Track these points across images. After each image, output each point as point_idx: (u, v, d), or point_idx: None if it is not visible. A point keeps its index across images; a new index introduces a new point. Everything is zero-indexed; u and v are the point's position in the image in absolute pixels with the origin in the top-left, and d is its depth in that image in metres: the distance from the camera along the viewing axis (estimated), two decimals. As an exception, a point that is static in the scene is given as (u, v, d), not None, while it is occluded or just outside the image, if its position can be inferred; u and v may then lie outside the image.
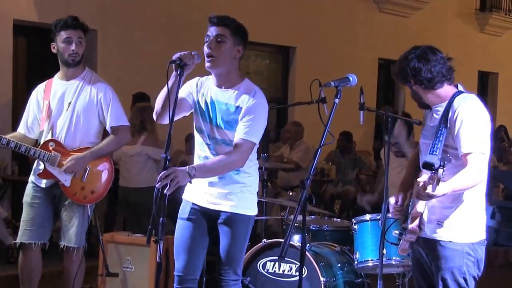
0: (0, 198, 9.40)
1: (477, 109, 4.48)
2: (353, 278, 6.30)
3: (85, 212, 5.92)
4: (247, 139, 4.73)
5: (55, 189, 5.92)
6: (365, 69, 14.53)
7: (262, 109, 4.86)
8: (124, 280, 7.45)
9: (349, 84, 4.43)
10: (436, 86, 4.51)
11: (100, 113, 5.91)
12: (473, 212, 4.55)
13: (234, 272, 4.91)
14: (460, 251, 4.51)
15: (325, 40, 14.45)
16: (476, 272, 4.59)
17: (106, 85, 6.02)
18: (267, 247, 6.33)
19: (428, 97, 4.57)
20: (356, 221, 6.24)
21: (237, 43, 4.80)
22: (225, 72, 4.83)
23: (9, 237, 8.61)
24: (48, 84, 6.00)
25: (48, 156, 5.80)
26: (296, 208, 4.18)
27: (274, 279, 6.26)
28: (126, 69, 10.89)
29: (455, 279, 4.52)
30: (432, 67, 4.47)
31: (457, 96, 4.50)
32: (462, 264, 4.52)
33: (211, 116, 4.86)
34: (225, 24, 4.76)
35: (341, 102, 4.36)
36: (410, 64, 4.49)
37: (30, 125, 6.01)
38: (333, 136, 4.32)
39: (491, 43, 18.01)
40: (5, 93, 9.82)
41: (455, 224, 4.50)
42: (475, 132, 4.37)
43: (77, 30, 5.87)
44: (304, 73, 13.71)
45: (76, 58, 5.87)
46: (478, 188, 4.51)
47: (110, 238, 7.62)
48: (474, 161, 4.30)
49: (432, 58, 4.49)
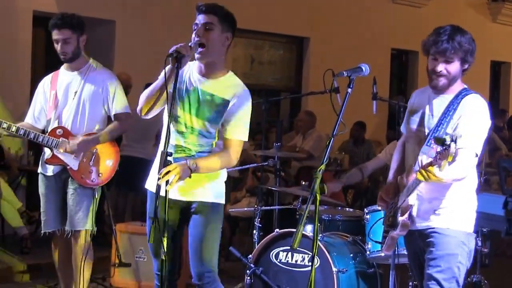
0: (16, 187, 9.45)
1: (482, 111, 4.44)
2: (365, 268, 6.29)
3: (93, 194, 6.08)
4: (240, 139, 4.78)
5: (63, 174, 6.09)
6: (378, 59, 14.49)
7: (249, 104, 4.81)
8: (137, 270, 7.50)
9: (362, 74, 4.40)
10: (463, 74, 4.49)
11: (105, 100, 6.10)
12: (467, 204, 4.53)
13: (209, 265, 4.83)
14: (457, 238, 4.46)
15: (338, 30, 14.41)
16: (467, 263, 4.53)
17: (110, 74, 6.26)
18: (280, 236, 6.33)
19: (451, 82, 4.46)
20: (368, 210, 6.24)
21: (225, 30, 4.74)
22: (213, 62, 4.76)
23: (23, 227, 8.65)
24: (54, 75, 6.20)
25: (56, 142, 5.99)
26: (308, 198, 4.18)
27: (287, 269, 6.27)
28: (144, 60, 10.90)
29: (449, 266, 4.43)
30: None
31: (465, 94, 4.46)
32: (457, 252, 4.45)
33: (191, 104, 4.77)
34: (213, 12, 4.71)
35: (355, 92, 4.35)
36: (467, 43, 4.42)
37: (37, 115, 6.18)
38: (345, 126, 4.28)
39: (503, 33, 17.92)
40: (24, 84, 9.93)
41: (452, 212, 4.47)
42: (474, 132, 4.34)
43: (63, 30, 6.01)
44: (317, 63, 13.69)
45: (66, 56, 6.06)
46: (470, 184, 4.50)
47: (123, 228, 7.67)
48: (465, 157, 4.24)
49: (468, 35, 4.47)
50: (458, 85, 4.51)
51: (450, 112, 4.42)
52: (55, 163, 6.05)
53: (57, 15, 6.10)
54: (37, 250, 8.31)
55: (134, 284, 7.50)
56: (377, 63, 13.50)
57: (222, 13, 4.75)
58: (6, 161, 9.33)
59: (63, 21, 5.99)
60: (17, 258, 8.27)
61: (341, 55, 13.58)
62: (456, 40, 4.37)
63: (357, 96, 5.60)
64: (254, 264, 6.31)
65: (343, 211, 7.12)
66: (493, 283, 6.85)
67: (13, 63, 10.02)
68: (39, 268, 8.00)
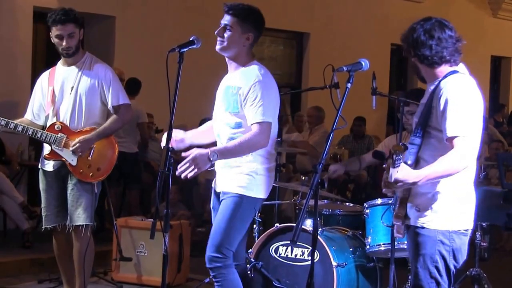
0: (17, 183, 9.47)
1: (465, 88, 4.18)
2: (365, 262, 6.32)
3: (93, 190, 6.09)
4: (260, 121, 4.80)
5: (62, 170, 6.09)
6: (378, 54, 14.49)
7: (267, 86, 4.90)
8: (138, 264, 7.54)
9: (361, 69, 4.42)
10: (433, 66, 4.24)
11: (102, 94, 6.10)
12: (454, 199, 4.23)
13: (218, 250, 4.87)
14: (432, 237, 4.22)
15: (338, 25, 14.43)
16: (451, 262, 4.27)
17: (106, 67, 6.21)
18: (280, 231, 6.34)
19: (425, 73, 4.33)
20: (368, 205, 6.26)
21: (246, 31, 4.93)
22: (233, 56, 4.98)
23: (24, 222, 8.67)
24: (52, 71, 6.21)
25: (55, 138, 6.00)
26: (308, 192, 4.20)
27: (287, 263, 6.28)
28: (144, 56, 10.94)
29: (425, 267, 4.25)
30: (434, 45, 4.19)
31: (448, 76, 4.23)
32: (434, 252, 4.22)
33: (221, 100, 5.02)
34: (234, 13, 4.91)
35: (355, 87, 4.37)
36: (414, 34, 4.25)
37: (36, 112, 6.21)
38: (345, 121, 4.30)
39: (504, 28, 17.92)
40: (25, 78, 9.92)
41: (431, 210, 4.22)
42: (461, 114, 4.07)
43: (66, 25, 5.99)
44: (317, 58, 13.69)
45: (69, 51, 6.05)
46: (464, 177, 4.23)
47: (123, 223, 7.71)
48: (458, 146, 4.02)
49: (438, 35, 4.20)
50: (444, 71, 4.25)
51: (431, 98, 4.22)
52: (54, 158, 6.06)
53: (56, 10, 6.07)
54: (39, 245, 8.31)
55: (135, 278, 7.55)
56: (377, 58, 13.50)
57: (244, 13, 4.93)
58: (7, 157, 9.35)
59: (67, 16, 5.96)
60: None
61: (341, 50, 13.59)
62: (402, 37, 4.42)
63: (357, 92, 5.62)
64: (254, 259, 6.33)
65: (343, 206, 7.14)
66: (491, 276, 6.88)
67: (13, 59, 10.01)
68: (41, 262, 8.01)
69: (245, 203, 4.91)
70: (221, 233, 4.88)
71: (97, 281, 7.51)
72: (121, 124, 6.26)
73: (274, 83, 5.02)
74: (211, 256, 4.88)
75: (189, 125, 8.70)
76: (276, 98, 4.98)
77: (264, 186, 4.98)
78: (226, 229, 4.88)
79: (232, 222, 4.89)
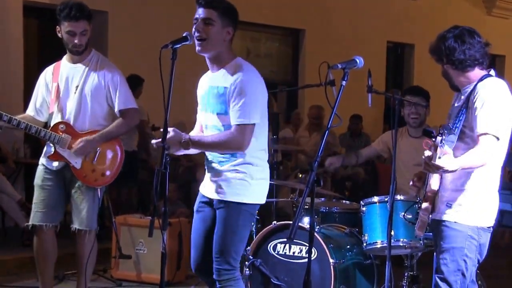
0: (14, 181, 9.48)
1: (500, 92, 4.47)
2: (362, 259, 6.36)
3: (96, 194, 5.94)
4: (243, 123, 4.58)
5: (66, 171, 5.94)
6: (374, 52, 14.54)
7: (251, 84, 4.63)
8: (137, 262, 7.58)
9: (356, 66, 4.39)
10: (467, 69, 4.53)
11: (108, 96, 5.92)
12: (482, 197, 4.56)
13: (226, 261, 4.72)
14: (464, 232, 4.53)
15: (334, 23, 14.47)
16: (477, 257, 4.61)
17: (114, 68, 6.01)
18: (278, 229, 6.37)
19: (458, 78, 4.60)
20: (365, 203, 6.26)
21: (226, 25, 4.66)
22: (215, 55, 4.71)
23: (23, 219, 8.67)
24: (56, 66, 6.02)
25: (59, 138, 5.83)
26: (304, 190, 4.20)
27: (285, 260, 6.30)
28: (137, 51, 10.93)
29: (454, 259, 4.53)
30: (466, 49, 4.49)
31: (484, 79, 4.52)
32: (464, 246, 4.53)
33: (206, 103, 4.80)
34: (213, 6, 4.63)
35: (351, 85, 4.40)
36: (446, 43, 4.51)
37: (39, 107, 6.04)
38: (340, 118, 4.25)
39: (498, 26, 17.96)
40: (17, 74, 9.88)
41: (463, 206, 4.53)
42: (494, 115, 4.37)
43: (80, 22, 5.79)
44: (313, 55, 13.71)
45: (80, 49, 5.86)
46: (490, 174, 4.55)
47: (123, 221, 7.74)
48: (484, 142, 4.34)
49: (469, 40, 4.50)
50: (477, 75, 4.57)
51: (467, 100, 4.48)
52: (57, 160, 5.91)
53: (67, 3, 5.79)
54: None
55: (134, 276, 7.58)
56: (373, 56, 13.57)
57: (222, 7, 4.66)
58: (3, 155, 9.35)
59: (81, 13, 5.76)
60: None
61: (338, 48, 13.63)
62: (431, 49, 4.62)
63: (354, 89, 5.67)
64: (253, 256, 6.36)
65: (340, 203, 7.18)
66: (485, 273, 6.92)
67: (4, 55, 9.93)
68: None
69: (244, 210, 4.73)
70: (227, 245, 4.71)
71: (97, 279, 7.55)
72: (127, 128, 6.08)
73: (259, 79, 4.71)
74: (219, 269, 4.74)
75: (186, 122, 8.75)
76: (261, 95, 4.70)
77: (261, 191, 4.82)
78: (231, 240, 4.72)
79: (236, 233, 4.72)
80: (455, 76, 4.60)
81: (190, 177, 9.98)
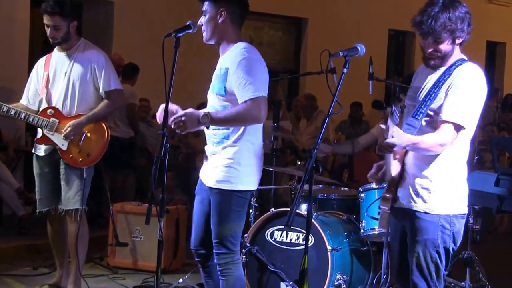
0: (14, 169, 9.48)
1: (475, 80, 4.23)
2: (359, 246, 6.36)
3: (82, 175, 6.09)
4: (256, 96, 4.60)
5: (55, 155, 6.12)
6: (376, 40, 14.52)
7: (254, 62, 4.71)
8: (134, 249, 7.57)
9: (358, 54, 4.37)
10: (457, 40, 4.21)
11: (94, 79, 6.10)
12: (452, 184, 4.31)
13: (223, 245, 4.80)
14: (435, 223, 4.28)
15: (336, 11, 14.44)
16: (451, 246, 4.35)
17: (99, 52, 6.21)
18: (275, 216, 6.35)
19: (442, 52, 4.22)
20: (363, 189, 6.27)
21: (217, 8, 4.75)
22: (217, 40, 4.84)
23: (21, 208, 8.67)
24: (48, 56, 6.25)
25: (47, 122, 6.04)
26: (302, 177, 4.21)
27: (282, 247, 6.30)
28: (142, 41, 10.94)
29: (428, 252, 4.30)
30: (458, 18, 4.16)
31: (458, 65, 4.26)
32: (436, 237, 4.29)
33: (212, 84, 4.89)
34: None
35: (352, 73, 4.36)
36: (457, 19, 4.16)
37: (31, 96, 6.23)
38: (341, 106, 4.26)
39: (499, 14, 17.95)
40: (22, 63, 9.92)
41: (432, 194, 4.27)
42: (460, 102, 4.14)
43: (53, 16, 6.01)
44: (316, 44, 13.69)
45: (54, 41, 6.09)
46: (459, 161, 4.31)
47: (119, 208, 7.72)
48: (447, 131, 4.13)
49: (460, 9, 4.18)
50: (456, 56, 4.28)
51: (440, 83, 4.23)
52: (45, 143, 6.11)
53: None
54: (35, 231, 8.32)
55: (131, 264, 7.58)
56: (374, 44, 13.53)
57: None
58: (3, 142, 9.36)
59: (53, 9, 5.98)
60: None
61: (340, 36, 13.62)
62: (440, 21, 4.14)
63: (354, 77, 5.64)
64: (250, 243, 6.35)
65: (338, 190, 7.15)
66: (483, 259, 6.91)
67: (11, 43, 10.01)
68: (37, 249, 8.03)
69: (236, 195, 4.78)
70: (223, 230, 4.79)
71: (93, 266, 7.55)
72: (112, 109, 6.28)
73: (261, 59, 4.79)
74: (218, 253, 4.83)
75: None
76: (265, 74, 4.76)
77: (251, 176, 4.84)
78: (226, 226, 4.79)
79: (230, 217, 4.79)
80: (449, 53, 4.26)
81: (189, 164, 9.96)
